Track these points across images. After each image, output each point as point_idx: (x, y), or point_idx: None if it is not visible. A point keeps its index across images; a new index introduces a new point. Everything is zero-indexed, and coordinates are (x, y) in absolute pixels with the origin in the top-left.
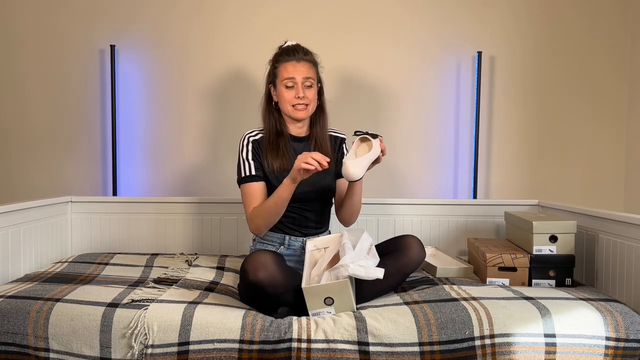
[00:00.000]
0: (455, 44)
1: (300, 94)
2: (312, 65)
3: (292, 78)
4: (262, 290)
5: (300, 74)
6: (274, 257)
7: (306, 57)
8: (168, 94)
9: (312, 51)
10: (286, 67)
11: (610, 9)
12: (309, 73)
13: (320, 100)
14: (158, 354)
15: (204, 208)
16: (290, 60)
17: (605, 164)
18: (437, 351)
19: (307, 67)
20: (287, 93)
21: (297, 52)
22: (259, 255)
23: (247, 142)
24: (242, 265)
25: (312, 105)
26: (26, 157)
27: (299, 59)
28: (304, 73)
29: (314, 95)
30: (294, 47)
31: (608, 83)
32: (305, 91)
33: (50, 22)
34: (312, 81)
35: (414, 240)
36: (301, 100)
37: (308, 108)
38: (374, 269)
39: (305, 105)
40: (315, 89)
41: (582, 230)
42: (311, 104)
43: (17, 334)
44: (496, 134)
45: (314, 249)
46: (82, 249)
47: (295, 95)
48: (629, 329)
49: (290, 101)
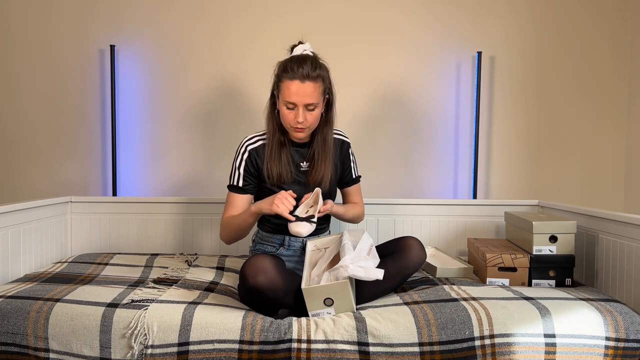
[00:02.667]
0: (455, 44)
1: (300, 119)
2: (319, 83)
3: (292, 102)
4: (261, 294)
5: (302, 100)
6: (273, 261)
7: (313, 74)
8: (168, 93)
9: (323, 62)
10: (289, 87)
11: (610, 9)
12: (312, 98)
13: (327, 115)
14: (158, 354)
15: (204, 208)
16: (294, 79)
17: (605, 164)
18: (437, 351)
19: (311, 90)
20: (288, 114)
21: (303, 68)
22: (258, 259)
23: (244, 150)
24: (242, 270)
25: (313, 126)
26: (26, 157)
27: (304, 79)
28: (306, 99)
29: (316, 117)
30: (302, 60)
31: (608, 83)
32: (307, 114)
33: (50, 23)
34: (316, 104)
35: (415, 242)
36: (301, 124)
37: (308, 130)
38: (374, 270)
39: (304, 128)
40: (319, 110)
41: (582, 231)
42: (311, 124)
43: (17, 334)
44: (496, 134)
45: (314, 250)
46: (82, 249)
47: (294, 118)
48: (629, 329)
49: (290, 122)
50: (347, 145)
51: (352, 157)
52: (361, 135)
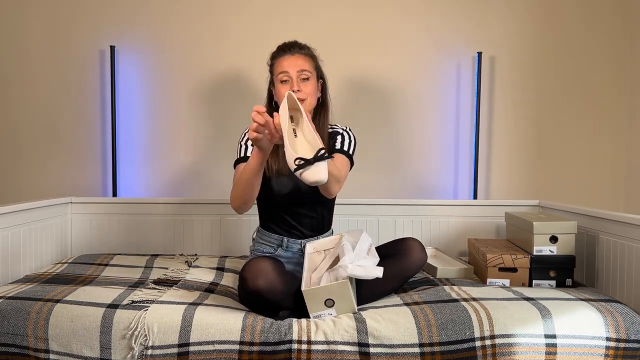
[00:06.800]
0: (455, 45)
1: (295, 87)
2: (309, 58)
3: (285, 72)
4: (261, 297)
5: (294, 67)
6: (272, 264)
7: (302, 50)
8: (168, 94)
9: (309, 46)
10: (280, 61)
11: (610, 9)
12: (304, 65)
13: (323, 97)
14: (158, 355)
15: (204, 209)
16: (284, 54)
17: (606, 164)
18: (437, 352)
19: (302, 60)
20: (283, 88)
21: (292, 47)
22: (257, 262)
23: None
24: (241, 273)
25: (309, 100)
26: (26, 158)
27: (293, 52)
28: (299, 66)
29: (312, 90)
30: (290, 43)
31: (609, 83)
32: (301, 85)
33: (50, 23)
34: (309, 74)
35: (416, 244)
36: (297, 94)
37: (305, 103)
38: (373, 268)
39: (301, 101)
40: (313, 83)
41: (582, 231)
42: (308, 98)
43: (17, 335)
44: (496, 134)
45: (313, 252)
46: (82, 249)
47: (290, 89)
48: (630, 329)
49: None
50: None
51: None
52: (361, 135)
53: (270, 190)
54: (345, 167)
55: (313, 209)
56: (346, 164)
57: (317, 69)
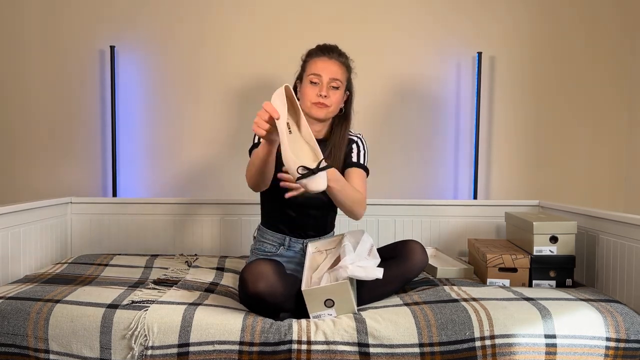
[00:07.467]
0: (456, 45)
1: (323, 93)
2: (344, 67)
3: (318, 75)
4: (262, 300)
5: (328, 73)
6: (273, 266)
7: (340, 57)
8: (168, 94)
9: (348, 55)
10: (316, 62)
11: (609, 8)
12: (337, 74)
13: (346, 109)
14: (158, 356)
15: (204, 209)
16: (322, 56)
17: (606, 164)
18: (437, 352)
19: (337, 67)
20: (310, 89)
21: (332, 51)
22: (258, 265)
23: None
24: (242, 275)
25: (333, 109)
26: (26, 158)
27: (331, 57)
28: (332, 73)
29: (338, 100)
30: (330, 46)
31: (608, 82)
32: (330, 92)
33: (50, 23)
34: (340, 83)
35: (417, 246)
36: (323, 99)
37: (328, 109)
38: (374, 269)
39: (326, 106)
40: (341, 93)
41: (582, 231)
42: (333, 106)
43: (17, 335)
44: (496, 134)
45: (315, 252)
46: (82, 249)
47: (318, 92)
48: (630, 329)
49: (312, 98)
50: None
51: (359, 147)
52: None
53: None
54: (364, 183)
55: (322, 210)
56: (364, 180)
57: (348, 81)
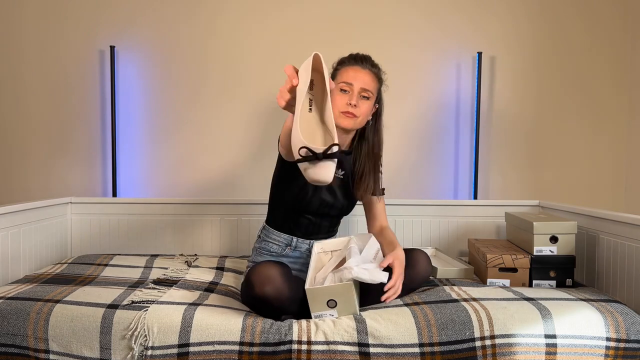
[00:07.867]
0: (456, 45)
1: (353, 102)
2: (376, 79)
3: (350, 83)
4: (268, 303)
5: (360, 83)
6: (280, 269)
7: (373, 68)
8: (168, 94)
9: (380, 67)
10: (347, 70)
11: (610, 9)
12: (369, 85)
13: (377, 123)
14: (158, 356)
15: (204, 209)
16: (354, 65)
17: (606, 164)
18: (437, 352)
19: (369, 78)
20: (340, 98)
21: (365, 61)
22: (265, 267)
23: None
24: (248, 277)
25: (361, 120)
26: (26, 158)
27: (365, 67)
28: (364, 83)
29: (367, 111)
30: (363, 55)
31: (608, 83)
32: (360, 101)
33: (50, 23)
34: (370, 94)
35: (422, 256)
36: (352, 109)
37: (356, 120)
38: (379, 273)
39: (354, 116)
40: (370, 104)
41: (582, 231)
42: (361, 117)
43: (17, 336)
44: (496, 134)
45: (320, 252)
46: (82, 250)
47: (347, 101)
48: (630, 329)
49: (341, 107)
50: None
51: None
52: None
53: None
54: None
55: (340, 214)
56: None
57: (378, 92)
